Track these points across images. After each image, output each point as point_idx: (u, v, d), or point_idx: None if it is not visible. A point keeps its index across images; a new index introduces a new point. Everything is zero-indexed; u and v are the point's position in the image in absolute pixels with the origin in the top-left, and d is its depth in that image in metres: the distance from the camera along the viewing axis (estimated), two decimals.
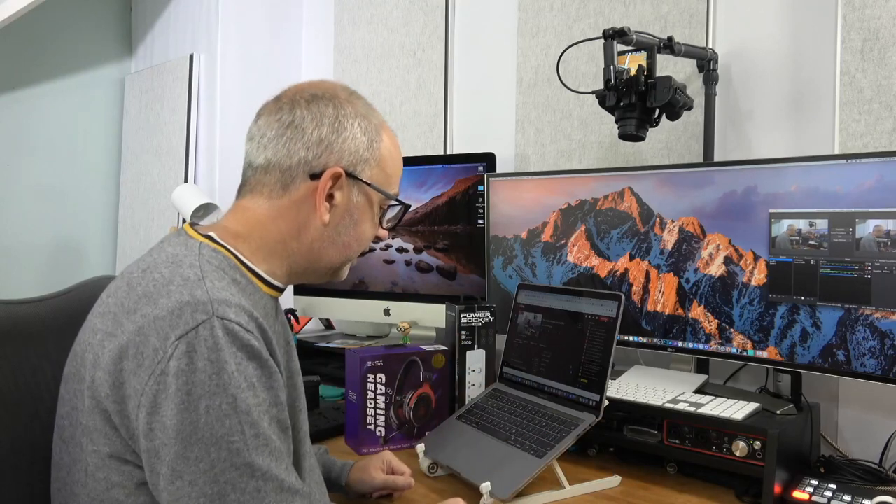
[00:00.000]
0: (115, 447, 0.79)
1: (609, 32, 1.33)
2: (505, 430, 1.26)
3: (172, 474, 0.74)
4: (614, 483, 1.23)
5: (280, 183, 0.91)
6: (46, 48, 2.53)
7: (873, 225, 1.17)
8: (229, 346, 0.76)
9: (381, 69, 2.24)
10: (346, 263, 0.98)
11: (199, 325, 0.75)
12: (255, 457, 0.75)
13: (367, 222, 0.96)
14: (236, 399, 0.75)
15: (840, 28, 1.39)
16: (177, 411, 0.73)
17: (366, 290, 1.92)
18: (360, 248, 0.97)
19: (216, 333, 0.75)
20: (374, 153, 0.93)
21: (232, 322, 0.77)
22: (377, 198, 0.95)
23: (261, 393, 0.78)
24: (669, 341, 1.42)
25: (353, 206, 0.93)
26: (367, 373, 1.39)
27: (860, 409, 1.38)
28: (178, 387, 0.74)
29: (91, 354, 0.81)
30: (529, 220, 1.63)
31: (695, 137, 1.59)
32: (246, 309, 0.80)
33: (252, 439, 0.75)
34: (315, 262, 0.94)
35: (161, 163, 2.49)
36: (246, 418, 0.75)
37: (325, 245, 0.93)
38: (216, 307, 0.77)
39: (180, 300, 0.77)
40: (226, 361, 0.75)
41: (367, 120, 0.93)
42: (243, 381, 0.76)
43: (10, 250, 2.46)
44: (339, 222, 0.93)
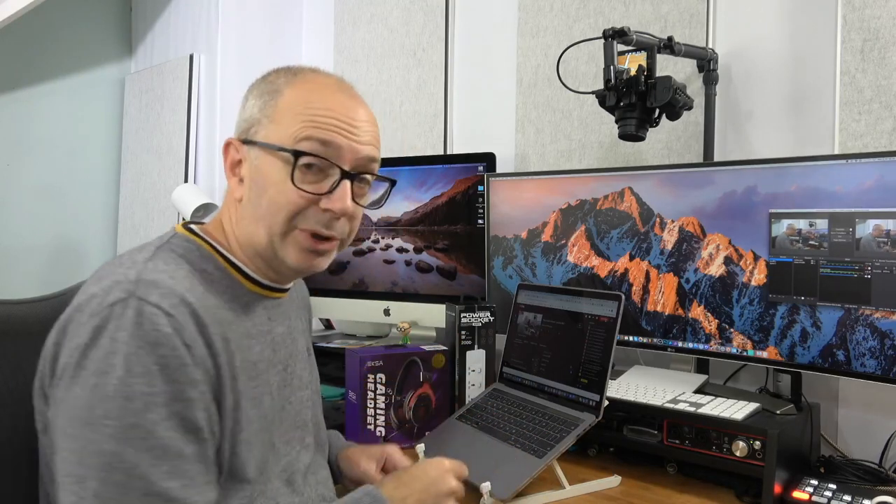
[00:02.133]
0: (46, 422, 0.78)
1: (609, 32, 1.33)
2: (505, 430, 1.26)
3: (57, 447, 0.73)
4: (614, 483, 1.23)
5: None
6: (46, 48, 2.53)
7: (873, 225, 1.17)
8: (136, 329, 0.72)
9: (381, 69, 2.24)
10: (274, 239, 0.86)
11: (117, 303, 0.73)
12: (126, 448, 0.70)
13: (272, 185, 0.84)
14: (123, 383, 0.70)
15: (840, 28, 1.39)
16: (68, 384, 0.72)
17: (366, 290, 1.92)
18: (278, 217, 0.85)
19: (127, 313, 0.72)
20: (268, 111, 0.86)
21: (149, 304, 0.73)
22: (277, 156, 0.84)
23: (158, 383, 0.72)
24: (669, 341, 1.42)
25: (255, 172, 0.86)
26: (367, 373, 1.39)
27: (860, 409, 1.38)
28: (76, 361, 0.72)
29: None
30: (529, 220, 1.63)
31: (695, 137, 1.59)
32: (178, 293, 0.76)
33: (128, 430, 0.70)
34: (249, 245, 0.88)
35: (161, 163, 2.49)
36: (127, 405, 0.70)
37: (247, 223, 0.87)
38: (139, 287, 0.74)
39: (116, 279, 0.76)
40: (126, 343, 0.71)
41: (270, 83, 0.89)
42: (137, 366, 0.71)
43: (10, 250, 2.46)
44: (250, 194, 0.86)
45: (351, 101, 0.89)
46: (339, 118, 0.86)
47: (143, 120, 2.60)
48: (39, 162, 2.52)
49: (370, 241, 1.89)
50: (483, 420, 1.32)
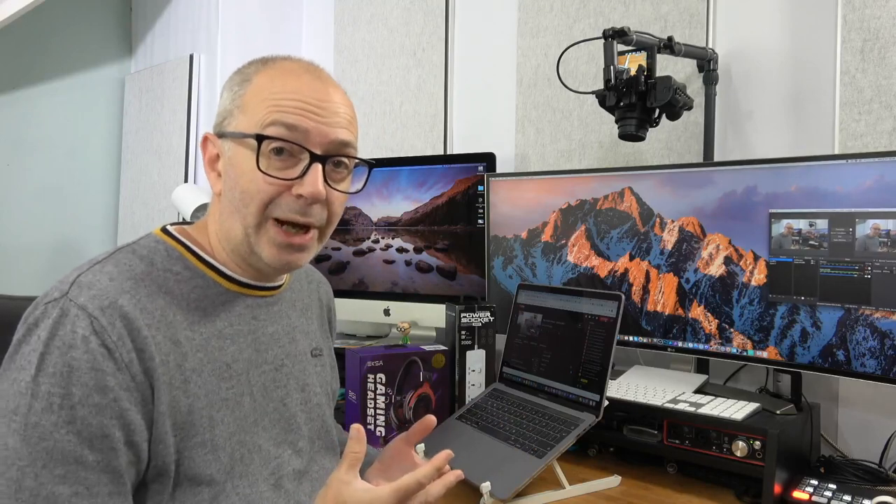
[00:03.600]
0: None
1: (609, 32, 1.33)
2: (505, 430, 1.26)
3: None
4: (614, 483, 1.23)
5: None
6: (46, 48, 2.53)
7: (873, 225, 1.17)
8: (54, 329, 0.73)
9: (381, 69, 2.24)
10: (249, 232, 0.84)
11: (49, 303, 0.75)
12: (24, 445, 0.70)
13: (242, 176, 0.83)
14: (33, 381, 0.71)
15: (840, 28, 1.39)
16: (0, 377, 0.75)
17: (366, 290, 1.92)
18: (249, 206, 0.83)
19: (51, 314, 0.74)
20: (237, 101, 0.85)
21: (75, 306, 0.74)
22: (245, 144, 0.83)
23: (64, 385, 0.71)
24: (669, 341, 1.42)
25: (228, 165, 0.85)
26: (367, 373, 1.39)
27: (860, 409, 1.38)
28: (9, 355, 0.75)
29: None
30: (529, 220, 1.63)
31: (695, 137, 1.59)
32: (110, 296, 0.76)
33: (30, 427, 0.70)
34: (227, 240, 0.86)
35: (161, 163, 2.49)
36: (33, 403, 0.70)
37: (225, 217, 0.86)
38: (72, 288, 0.76)
39: (61, 279, 0.79)
40: (44, 342, 0.72)
41: (241, 73, 0.88)
42: (49, 367, 0.71)
43: (10, 250, 2.46)
44: (227, 187, 0.86)
45: (319, 83, 0.86)
46: (306, 100, 0.83)
47: (143, 120, 2.60)
48: (39, 162, 2.52)
49: (370, 241, 1.89)
50: (483, 420, 1.32)
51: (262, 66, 0.87)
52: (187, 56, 2.40)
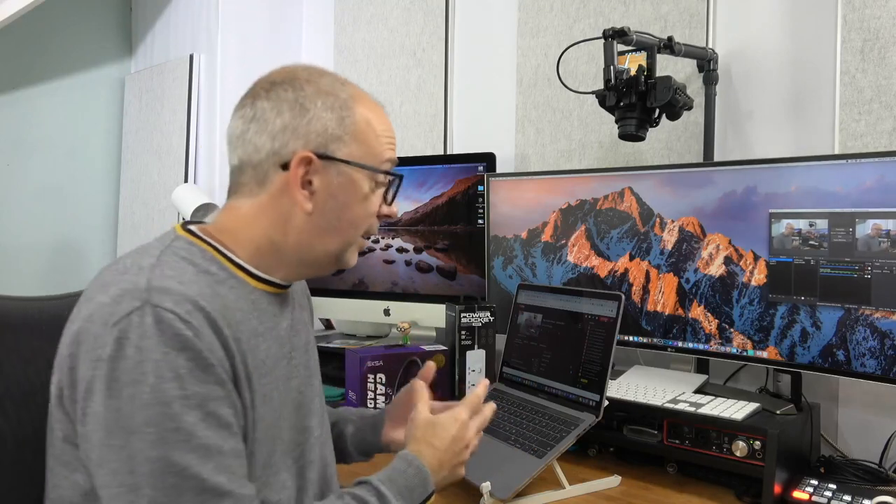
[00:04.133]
0: (68, 431, 0.79)
1: (609, 32, 1.33)
2: (505, 430, 1.26)
3: (99, 460, 0.73)
4: (614, 483, 1.23)
5: (255, 180, 0.87)
6: (46, 48, 2.53)
7: (873, 225, 1.17)
8: (158, 335, 0.73)
9: (381, 69, 2.24)
10: (346, 249, 0.91)
11: (132, 313, 0.74)
12: (173, 451, 0.72)
13: (357, 203, 0.89)
14: (157, 389, 0.72)
15: (840, 28, 1.39)
16: (102, 398, 0.72)
17: (366, 290, 1.92)
18: (358, 230, 0.91)
19: (146, 321, 0.73)
20: (347, 128, 0.87)
21: (165, 310, 0.74)
22: (364, 174, 0.88)
23: (189, 386, 0.74)
24: (669, 341, 1.42)
25: (336, 189, 0.87)
26: (367, 373, 1.39)
27: (860, 409, 1.38)
28: (105, 373, 0.72)
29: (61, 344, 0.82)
30: (529, 220, 1.63)
31: (695, 137, 1.59)
32: (191, 298, 0.77)
33: (171, 433, 0.72)
34: (308, 252, 0.89)
35: (161, 163, 2.49)
36: (166, 410, 0.72)
37: (315, 234, 0.88)
38: (152, 295, 0.75)
39: (124, 287, 0.76)
40: (151, 350, 0.72)
41: (333, 95, 0.87)
42: (168, 371, 0.72)
43: (10, 250, 2.46)
44: (325, 208, 0.87)
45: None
46: (393, 135, 0.93)
47: (143, 120, 2.60)
48: (39, 162, 2.52)
49: (370, 241, 1.89)
50: None
51: (352, 91, 0.90)
52: (187, 56, 2.40)
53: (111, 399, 0.72)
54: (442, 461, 0.94)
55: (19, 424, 0.94)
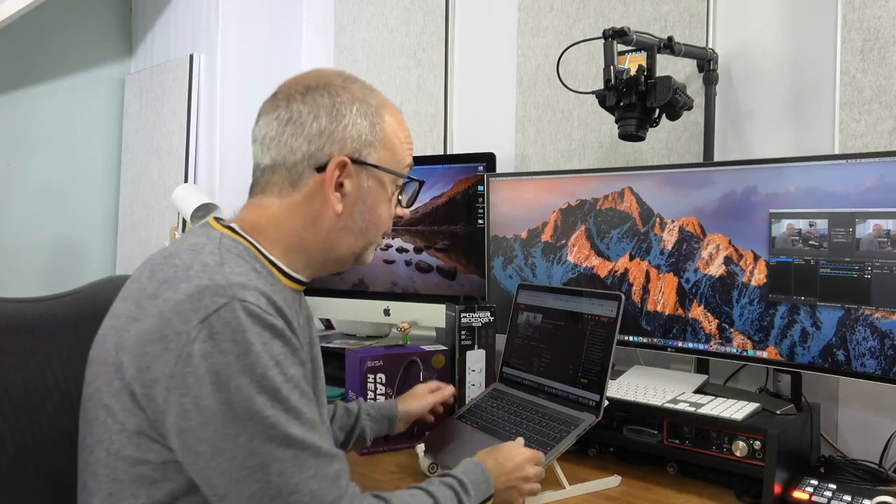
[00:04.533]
0: (143, 426, 0.80)
1: (609, 32, 1.33)
2: (505, 430, 1.26)
3: (213, 451, 0.76)
4: (614, 483, 1.23)
5: (288, 180, 0.91)
6: (46, 48, 2.53)
7: (873, 225, 1.17)
8: (253, 327, 0.78)
9: (381, 69, 2.24)
10: (367, 248, 0.97)
11: (221, 308, 0.77)
12: (290, 428, 0.78)
13: (382, 205, 0.95)
14: (264, 377, 0.77)
15: (840, 28, 1.39)
16: (209, 391, 0.76)
17: (366, 290, 1.92)
18: (380, 230, 0.97)
19: (238, 315, 0.77)
20: (378, 134, 0.93)
21: (251, 304, 0.79)
22: (389, 178, 0.95)
23: (288, 369, 0.80)
24: (669, 341, 1.42)
25: (365, 192, 0.93)
26: (367, 373, 1.39)
27: (860, 409, 1.38)
28: (206, 368, 0.76)
29: (114, 337, 0.83)
30: (529, 220, 1.63)
31: (695, 137, 1.59)
32: (264, 292, 0.81)
33: (283, 413, 0.78)
34: (334, 251, 0.94)
35: (161, 163, 2.49)
36: (275, 395, 0.77)
37: (341, 234, 0.93)
38: (235, 290, 0.79)
39: (200, 284, 0.79)
40: (251, 342, 0.77)
41: (366, 103, 0.93)
42: (269, 359, 0.78)
43: (10, 250, 2.46)
44: (353, 210, 0.93)
45: None
46: (412, 140, 1.00)
47: (143, 120, 2.60)
48: (39, 162, 2.52)
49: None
50: (483, 420, 1.32)
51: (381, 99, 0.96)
52: (187, 56, 2.40)
53: (219, 392, 0.76)
54: (499, 475, 1.03)
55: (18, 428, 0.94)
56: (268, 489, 0.77)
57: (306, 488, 0.78)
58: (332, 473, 0.81)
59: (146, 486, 0.81)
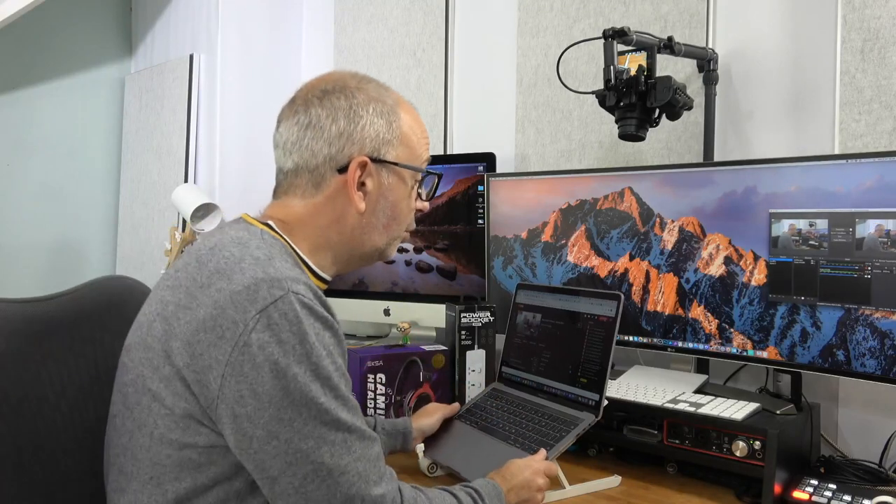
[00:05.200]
0: (193, 410, 0.83)
1: (609, 32, 1.33)
2: (504, 430, 1.26)
3: (268, 435, 0.80)
4: (614, 483, 1.23)
5: (311, 183, 0.94)
6: (46, 48, 2.53)
7: (874, 225, 1.17)
8: (308, 318, 0.81)
9: (381, 69, 2.24)
10: (391, 243, 1.01)
11: (278, 300, 0.81)
12: (341, 413, 0.82)
13: (403, 200, 0.99)
14: (318, 366, 0.81)
15: (840, 28, 1.39)
16: (268, 378, 0.79)
17: (366, 290, 1.92)
18: (402, 225, 1.01)
19: (294, 307, 0.81)
20: (395, 132, 0.96)
21: (304, 297, 0.82)
22: (408, 174, 0.98)
23: (336, 359, 0.84)
24: (669, 341, 1.42)
25: (387, 189, 0.96)
26: (367, 373, 1.39)
27: (860, 409, 1.38)
28: (265, 357, 0.79)
29: (161, 324, 0.86)
30: (529, 220, 1.63)
31: (695, 137, 1.59)
32: (310, 286, 0.85)
33: (334, 399, 0.82)
34: (359, 247, 0.98)
35: (161, 163, 2.49)
36: (328, 382, 0.82)
37: (365, 231, 0.97)
38: (290, 284, 0.82)
39: (255, 276, 0.82)
40: (306, 332, 0.81)
41: (382, 102, 0.96)
42: (322, 349, 0.82)
43: (10, 250, 2.46)
44: (376, 207, 0.96)
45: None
46: (428, 135, 1.03)
47: (143, 120, 2.60)
48: (39, 162, 2.52)
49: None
50: (483, 420, 1.32)
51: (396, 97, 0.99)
52: (187, 56, 2.40)
53: (277, 379, 0.79)
54: (509, 490, 1.06)
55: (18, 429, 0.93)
56: (320, 470, 0.81)
57: (353, 469, 0.82)
58: (374, 455, 0.86)
59: (190, 470, 0.84)
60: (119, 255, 2.69)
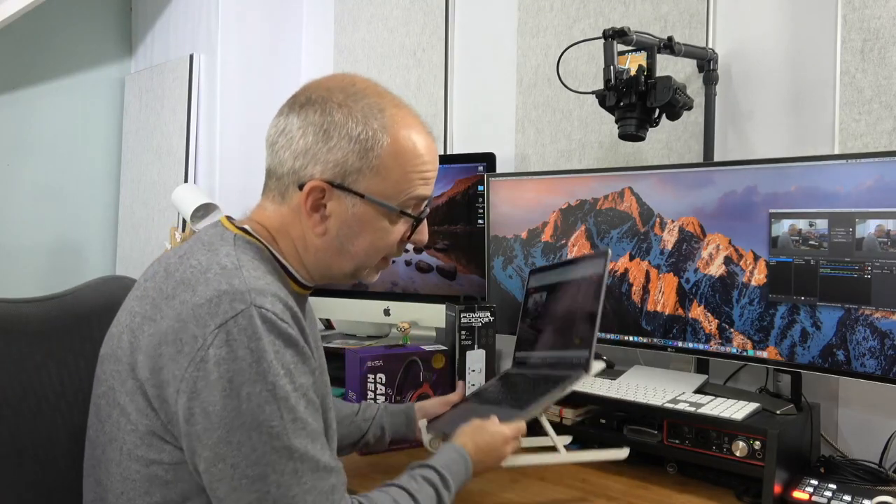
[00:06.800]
0: (155, 426, 0.80)
1: (609, 32, 1.33)
2: (499, 398, 1.24)
3: (215, 457, 0.76)
4: (621, 455, 1.17)
5: (278, 190, 0.90)
6: (46, 48, 2.53)
7: (874, 225, 1.17)
8: (267, 335, 0.77)
9: (381, 69, 2.24)
10: (362, 270, 0.94)
11: (238, 314, 0.77)
12: (294, 440, 0.77)
13: (373, 234, 0.90)
14: (275, 386, 0.77)
15: (840, 28, 1.39)
16: (219, 398, 0.75)
17: (366, 290, 1.92)
18: (373, 259, 0.92)
19: (254, 322, 0.77)
20: (370, 161, 0.86)
21: (268, 311, 0.78)
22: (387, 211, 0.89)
23: (298, 378, 0.79)
24: (669, 341, 1.42)
25: (352, 219, 0.88)
26: (367, 373, 1.39)
27: (860, 409, 1.38)
28: (219, 374, 0.75)
29: (129, 336, 0.83)
30: (529, 220, 1.63)
31: (695, 137, 1.59)
32: (281, 298, 0.81)
33: (290, 423, 0.77)
34: (326, 269, 0.92)
35: (161, 163, 2.49)
36: (284, 404, 0.77)
37: (330, 254, 0.91)
38: (253, 296, 0.78)
39: (218, 288, 0.79)
40: (265, 350, 0.76)
41: (364, 124, 0.86)
42: (281, 368, 0.77)
43: (10, 250, 2.46)
44: (338, 233, 0.89)
45: (433, 141, 0.94)
46: (433, 168, 0.92)
47: (143, 120, 2.60)
48: (39, 162, 2.52)
49: None
50: (485, 397, 1.30)
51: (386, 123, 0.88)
52: (187, 56, 2.40)
53: (229, 399, 0.75)
54: (477, 458, 1.03)
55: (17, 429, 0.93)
56: (265, 499, 0.76)
57: (301, 501, 0.78)
58: (327, 488, 0.81)
59: (159, 486, 0.81)
60: (119, 255, 2.69)
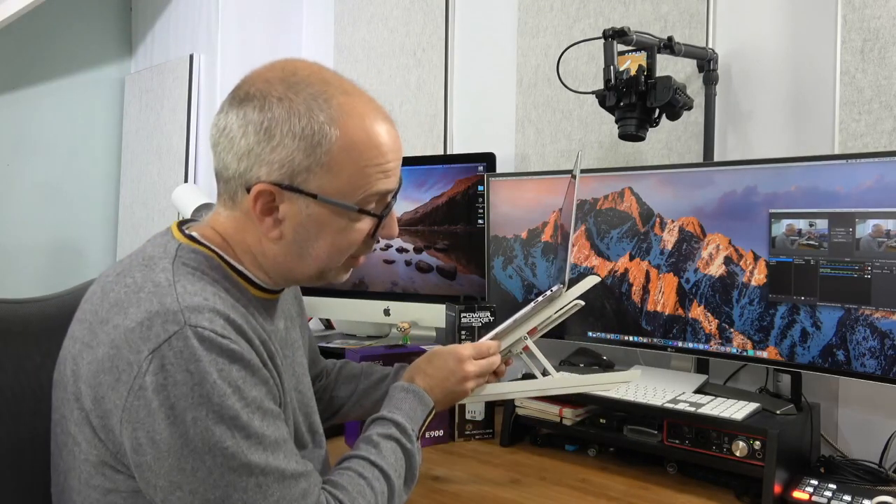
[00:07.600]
0: (105, 457, 0.77)
1: (609, 32, 1.33)
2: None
3: (170, 486, 0.72)
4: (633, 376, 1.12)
5: (227, 194, 0.84)
6: (46, 48, 2.53)
7: (873, 225, 1.17)
8: (207, 354, 0.72)
9: (381, 69, 2.24)
10: (327, 272, 0.87)
11: (172, 337, 0.72)
12: (251, 456, 0.73)
13: (332, 235, 0.83)
14: (222, 406, 0.72)
15: (840, 28, 1.39)
16: (164, 426, 0.71)
17: (366, 290, 1.92)
18: (337, 260, 0.86)
19: (191, 344, 0.72)
20: (319, 158, 0.78)
21: (206, 329, 0.73)
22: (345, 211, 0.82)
23: (248, 392, 0.74)
24: (669, 341, 1.42)
25: (307, 221, 0.81)
26: None
27: (860, 409, 1.38)
28: (160, 402, 0.71)
29: (71, 364, 0.79)
30: (529, 220, 1.63)
31: (695, 137, 1.59)
32: (221, 312, 0.76)
33: (243, 441, 0.73)
34: (288, 272, 0.86)
35: (161, 163, 2.49)
36: (234, 423, 0.73)
37: (290, 259, 0.84)
38: (187, 316, 0.73)
39: (149, 310, 0.74)
40: (206, 371, 0.71)
41: (308, 118, 0.78)
42: (227, 387, 0.72)
43: (10, 250, 2.46)
44: (296, 238, 0.83)
45: (393, 128, 0.86)
46: (394, 159, 0.84)
47: (143, 120, 2.60)
48: (39, 162, 2.52)
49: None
50: None
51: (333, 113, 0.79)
52: (187, 56, 2.40)
53: (174, 426, 0.71)
54: (433, 387, 0.99)
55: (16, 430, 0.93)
56: None
57: None
58: (297, 494, 0.77)
59: None
60: (119, 255, 2.69)
